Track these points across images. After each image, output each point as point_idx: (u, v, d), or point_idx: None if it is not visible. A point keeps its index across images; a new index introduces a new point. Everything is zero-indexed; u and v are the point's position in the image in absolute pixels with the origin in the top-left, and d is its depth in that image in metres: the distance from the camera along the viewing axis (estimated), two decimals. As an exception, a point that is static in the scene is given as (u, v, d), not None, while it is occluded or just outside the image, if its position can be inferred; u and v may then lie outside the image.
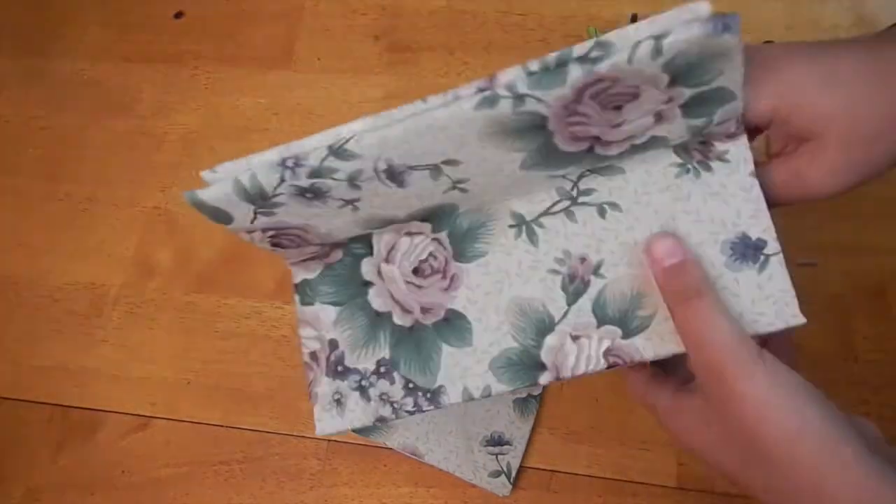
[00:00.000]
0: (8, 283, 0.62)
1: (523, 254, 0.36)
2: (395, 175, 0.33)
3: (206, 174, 0.34)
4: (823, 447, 0.29)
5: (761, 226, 0.33)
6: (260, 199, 0.33)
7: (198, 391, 0.56)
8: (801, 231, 0.54)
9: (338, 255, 0.38)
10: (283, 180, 0.32)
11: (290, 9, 0.69)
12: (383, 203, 0.35)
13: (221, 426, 0.55)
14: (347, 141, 0.31)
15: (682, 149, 0.34)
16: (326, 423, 0.37)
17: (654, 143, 0.34)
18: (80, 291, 0.61)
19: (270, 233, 0.35)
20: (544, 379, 0.34)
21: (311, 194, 0.33)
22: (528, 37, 0.64)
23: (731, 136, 0.34)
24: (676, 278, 0.32)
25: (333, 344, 0.37)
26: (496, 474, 0.50)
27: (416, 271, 0.37)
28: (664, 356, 0.33)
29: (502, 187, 0.35)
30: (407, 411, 0.36)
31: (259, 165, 0.32)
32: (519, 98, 0.30)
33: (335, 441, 0.53)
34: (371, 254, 0.37)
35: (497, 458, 0.51)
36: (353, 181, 0.33)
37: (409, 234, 0.37)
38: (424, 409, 0.36)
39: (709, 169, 0.34)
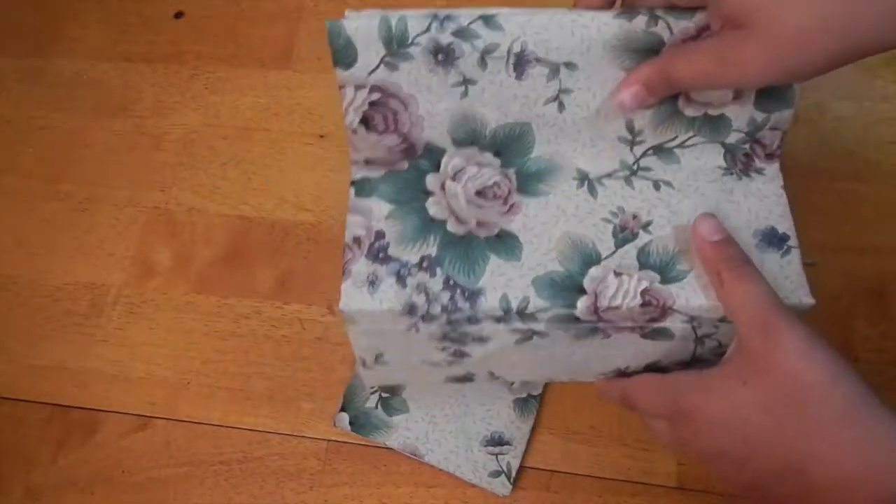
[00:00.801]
0: (8, 283, 0.62)
1: (582, 201, 0.40)
2: (520, 63, 0.37)
3: (349, 12, 0.36)
4: (856, 390, 0.32)
5: (787, 224, 0.40)
6: (396, 44, 0.36)
7: (198, 391, 0.56)
8: (802, 231, 0.54)
9: (403, 165, 0.41)
10: (427, 30, 0.36)
11: (290, 9, 0.69)
12: (490, 98, 0.38)
13: (221, 426, 0.55)
14: (497, 14, 0.35)
15: (729, 155, 0.41)
16: (353, 298, 0.38)
17: (718, 126, 0.40)
18: (80, 291, 0.61)
19: (375, 96, 0.38)
20: (582, 303, 0.38)
21: (443, 56, 0.37)
22: (528, 37, 0.64)
23: (769, 157, 0.41)
24: (725, 250, 0.36)
25: (380, 234, 0.40)
26: (496, 474, 0.50)
27: (479, 193, 0.40)
28: (693, 308, 0.38)
29: (584, 129, 0.40)
30: (441, 305, 0.38)
31: (413, 13, 0.36)
32: (653, 18, 0.36)
33: (335, 441, 0.53)
34: (437, 170, 0.41)
35: (497, 458, 0.51)
36: (484, 55, 0.37)
37: (479, 164, 0.41)
38: (459, 305, 0.38)
39: (749, 177, 0.41)
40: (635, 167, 0.41)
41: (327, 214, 0.60)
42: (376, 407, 0.52)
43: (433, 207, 0.40)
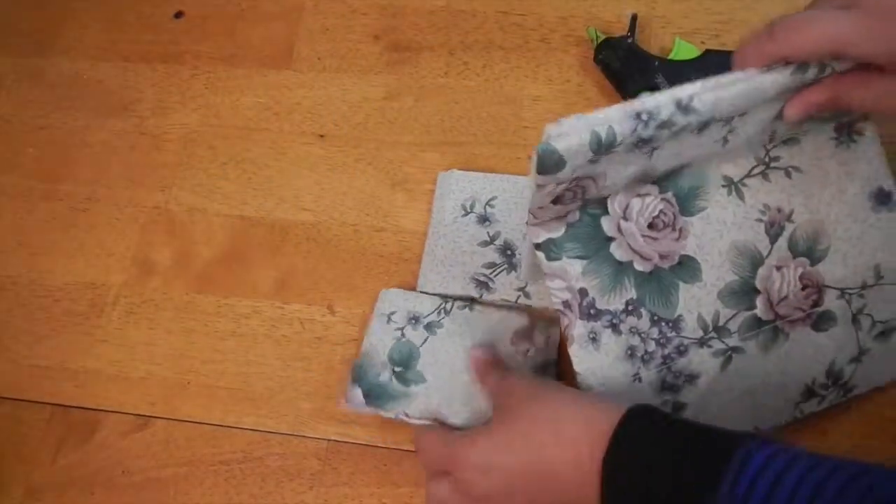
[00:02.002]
0: (8, 283, 0.62)
1: (735, 207, 0.44)
2: (705, 126, 0.39)
3: (550, 127, 0.37)
4: (559, 388, 0.44)
5: (889, 180, 0.45)
6: (605, 149, 0.37)
7: (198, 391, 0.56)
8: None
9: (575, 215, 0.43)
10: (634, 131, 0.37)
11: (290, 9, 0.69)
12: (670, 153, 0.41)
13: (221, 426, 0.55)
14: (692, 99, 0.37)
15: (837, 123, 0.44)
16: (583, 359, 0.44)
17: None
18: (80, 291, 0.61)
19: (570, 185, 0.40)
20: (760, 302, 0.44)
21: (643, 143, 0.38)
22: (528, 37, 0.64)
23: (865, 117, 0.44)
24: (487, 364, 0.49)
25: (583, 292, 0.44)
26: None
27: (650, 226, 0.44)
28: (838, 278, 0.45)
29: (734, 148, 0.43)
30: (654, 339, 0.44)
31: (617, 118, 0.37)
32: (822, 67, 0.37)
33: (335, 441, 0.53)
34: (607, 213, 0.44)
35: None
36: (678, 132, 0.38)
37: (640, 195, 0.44)
38: (668, 336, 0.44)
39: (854, 141, 0.45)
40: (766, 159, 0.44)
41: (327, 214, 0.60)
42: (391, 380, 0.51)
43: (618, 251, 0.44)
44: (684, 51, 0.59)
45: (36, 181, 0.65)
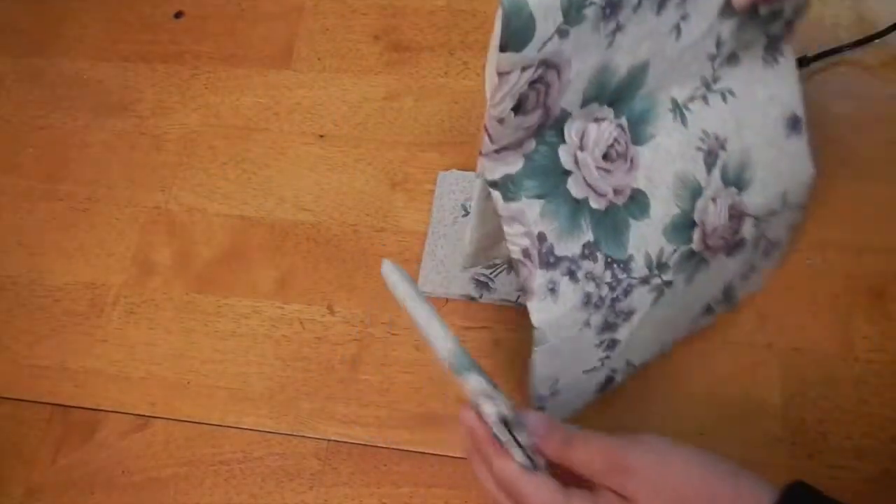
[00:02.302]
0: (8, 283, 0.62)
1: (679, 134, 0.42)
2: (661, 4, 0.37)
3: None
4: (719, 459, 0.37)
5: (801, 105, 0.45)
6: (574, 10, 0.34)
7: (198, 391, 0.56)
8: (802, 231, 0.54)
9: (531, 144, 0.39)
10: None
11: (290, 9, 0.69)
12: (628, 42, 0.38)
13: (221, 426, 0.55)
14: None
15: (767, 42, 0.44)
16: (543, 313, 0.41)
17: (774, 17, 0.43)
18: (80, 291, 0.61)
19: (539, 72, 0.35)
20: (696, 235, 0.43)
21: (610, 9, 0.35)
22: (528, 37, 0.64)
23: (787, 39, 0.44)
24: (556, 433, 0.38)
25: (542, 237, 0.40)
26: None
27: (605, 157, 0.41)
28: (758, 205, 0.45)
29: (686, 54, 0.41)
30: (607, 284, 0.42)
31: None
32: None
33: (335, 441, 0.53)
34: (564, 141, 0.40)
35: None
36: (639, 5, 0.36)
37: (596, 120, 0.40)
38: (619, 277, 0.42)
39: (777, 62, 0.44)
40: (712, 79, 0.43)
41: (327, 214, 0.60)
42: None
43: (574, 188, 0.40)
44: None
45: (36, 181, 0.65)
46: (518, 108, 0.36)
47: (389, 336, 0.56)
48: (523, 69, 0.34)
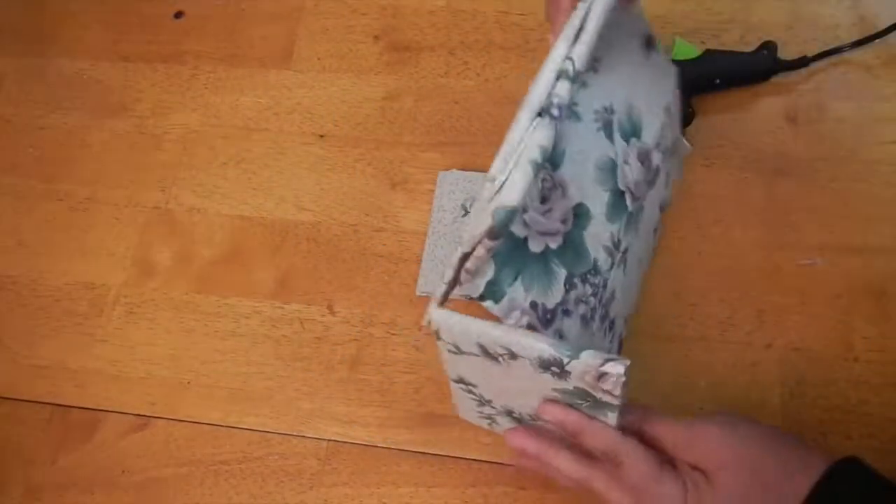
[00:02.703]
0: (8, 283, 0.62)
1: (581, 130, 0.43)
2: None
3: (488, 189, 0.35)
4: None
5: (648, 25, 0.46)
6: (544, 163, 0.36)
7: (197, 391, 0.56)
8: (802, 231, 0.54)
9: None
10: (555, 129, 0.36)
11: (290, 9, 0.69)
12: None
13: (221, 426, 0.55)
14: (573, 62, 0.36)
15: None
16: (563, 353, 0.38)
17: None
18: (80, 291, 0.61)
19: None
20: (628, 200, 0.45)
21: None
22: (527, 36, 0.64)
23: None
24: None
25: (534, 305, 0.41)
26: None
27: (542, 201, 0.41)
28: (653, 136, 0.47)
29: None
30: (590, 295, 0.43)
31: (534, 134, 0.35)
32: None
33: (335, 441, 0.53)
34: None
35: None
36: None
37: None
38: (595, 282, 0.43)
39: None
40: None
41: (327, 214, 0.60)
42: None
43: (534, 245, 0.41)
44: (684, 51, 0.59)
45: (36, 181, 0.65)
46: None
47: (389, 336, 0.56)
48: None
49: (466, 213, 0.57)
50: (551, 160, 0.42)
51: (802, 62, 0.58)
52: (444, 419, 0.53)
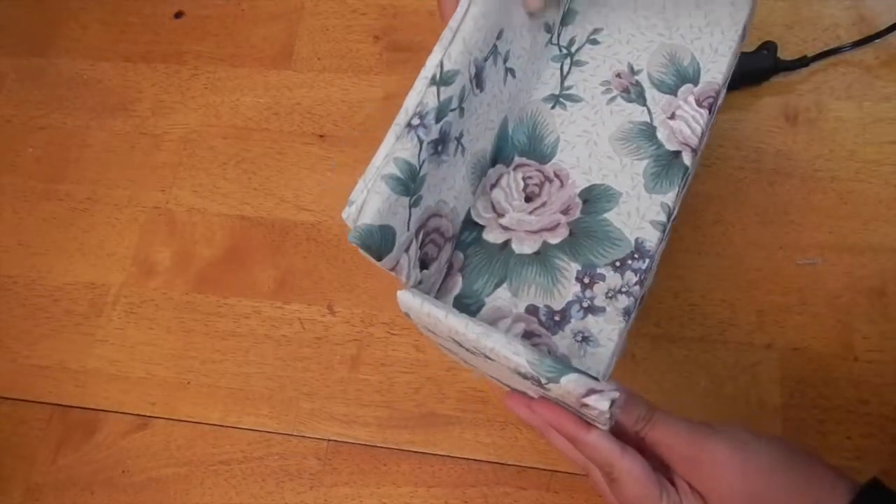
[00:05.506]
0: (8, 283, 0.62)
1: (580, 110, 0.40)
2: (479, 77, 0.36)
3: (345, 212, 0.33)
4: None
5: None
6: (411, 182, 0.33)
7: (197, 391, 0.56)
8: (801, 231, 0.54)
9: (459, 257, 0.39)
10: (420, 141, 0.33)
11: (290, 9, 0.69)
12: (476, 126, 0.37)
13: (221, 426, 0.55)
14: (442, 65, 0.33)
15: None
16: (594, 361, 0.36)
17: None
18: (80, 291, 0.61)
19: (420, 237, 0.35)
20: (687, 156, 0.39)
21: (441, 144, 0.34)
22: (528, 37, 0.64)
23: None
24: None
25: (531, 309, 0.37)
26: None
27: (528, 199, 0.39)
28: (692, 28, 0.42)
29: (530, 64, 0.40)
30: (637, 282, 0.37)
31: (394, 148, 0.33)
32: None
33: (335, 441, 0.53)
34: (479, 226, 0.39)
35: None
36: (461, 103, 0.35)
37: (494, 185, 0.39)
38: (639, 267, 0.37)
39: None
40: (567, 43, 0.43)
41: (327, 214, 0.60)
42: None
43: (522, 247, 0.39)
44: (684, 51, 0.58)
45: (36, 181, 0.65)
46: (426, 265, 0.36)
47: (389, 336, 0.56)
48: (406, 250, 0.34)
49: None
50: (534, 152, 0.40)
51: (802, 62, 0.58)
52: (444, 419, 0.53)
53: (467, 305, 0.37)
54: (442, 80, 0.33)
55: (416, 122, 0.33)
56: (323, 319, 0.57)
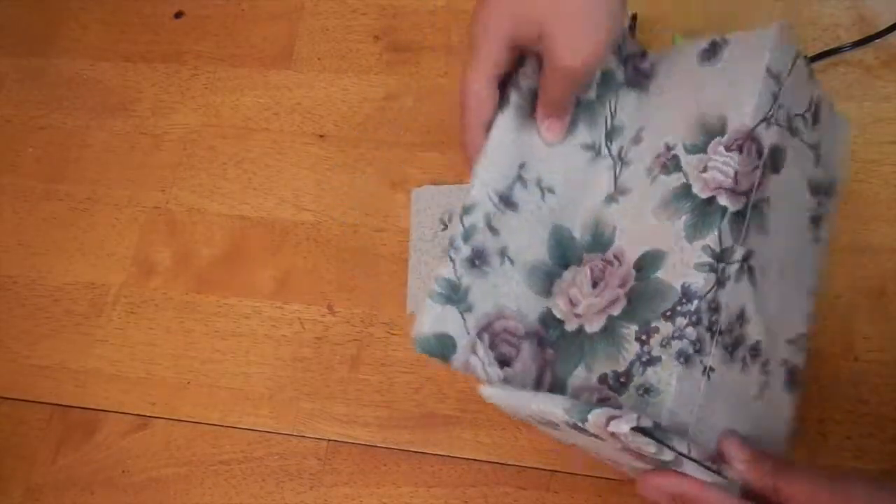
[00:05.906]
0: (8, 282, 0.62)
1: (630, 199, 0.43)
2: (507, 200, 0.41)
3: (418, 338, 0.38)
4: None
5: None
6: (454, 293, 0.38)
7: (197, 391, 0.56)
8: (802, 231, 0.54)
9: (549, 353, 0.42)
10: (451, 260, 0.39)
11: (290, 9, 0.69)
12: (519, 239, 0.41)
13: (221, 426, 0.55)
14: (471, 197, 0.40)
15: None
16: (655, 409, 0.37)
17: None
18: (80, 291, 0.61)
19: (486, 338, 0.39)
20: (725, 198, 0.39)
21: (477, 259, 0.40)
22: (528, 37, 0.64)
23: None
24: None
25: (602, 378, 0.39)
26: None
27: (594, 285, 0.42)
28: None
29: (572, 179, 0.44)
30: (688, 325, 0.38)
31: (433, 271, 0.39)
32: None
33: (335, 441, 0.53)
34: (563, 321, 0.42)
35: None
36: (489, 224, 0.40)
37: (571, 284, 0.42)
38: (711, 319, 0.38)
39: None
40: (608, 123, 0.46)
41: (327, 214, 0.60)
42: None
43: (591, 327, 0.41)
44: (684, 51, 0.58)
45: (36, 181, 0.65)
46: (508, 362, 0.40)
47: (389, 336, 0.56)
48: (474, 352, 0.39)
49: (445, 227, 0.57)
50: (598, 245, 0.43)
51: (802, 62, 0.58)
52: (444, 419, 0.53)
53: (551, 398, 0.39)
54: (464, 210, 0.39)
55: (448, 245, 0.39)
56: (323, 319, 0.57)
